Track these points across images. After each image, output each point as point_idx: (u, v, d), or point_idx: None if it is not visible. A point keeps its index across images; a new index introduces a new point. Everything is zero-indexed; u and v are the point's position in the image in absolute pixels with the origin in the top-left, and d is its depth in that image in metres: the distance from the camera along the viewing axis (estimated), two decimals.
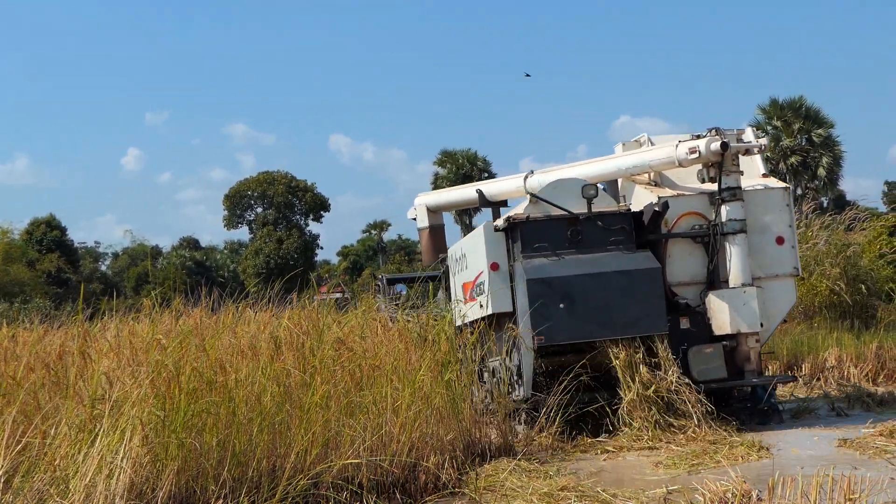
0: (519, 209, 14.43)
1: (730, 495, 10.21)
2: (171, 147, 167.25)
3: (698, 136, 14.29)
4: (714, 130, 14.21)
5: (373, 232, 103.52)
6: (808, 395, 17.51)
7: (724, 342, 14.33)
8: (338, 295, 17.84)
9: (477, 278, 14.54)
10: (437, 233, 19.89)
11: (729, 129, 14.32)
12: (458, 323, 14.75)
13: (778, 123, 51.27)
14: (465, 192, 20.02)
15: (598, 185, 14.85)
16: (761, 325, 14.23)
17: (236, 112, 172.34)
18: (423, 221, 19.85)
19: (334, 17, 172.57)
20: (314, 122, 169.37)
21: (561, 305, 13.41)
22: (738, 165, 14.43)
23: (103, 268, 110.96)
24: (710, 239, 14.38)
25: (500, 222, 14.49)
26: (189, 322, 12.49)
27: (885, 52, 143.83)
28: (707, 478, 10.52)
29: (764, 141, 14.72)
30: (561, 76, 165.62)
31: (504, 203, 18.00)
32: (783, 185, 15.25)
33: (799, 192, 49.97)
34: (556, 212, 14.14)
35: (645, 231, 14.36)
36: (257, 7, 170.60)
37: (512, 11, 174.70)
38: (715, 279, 14.48)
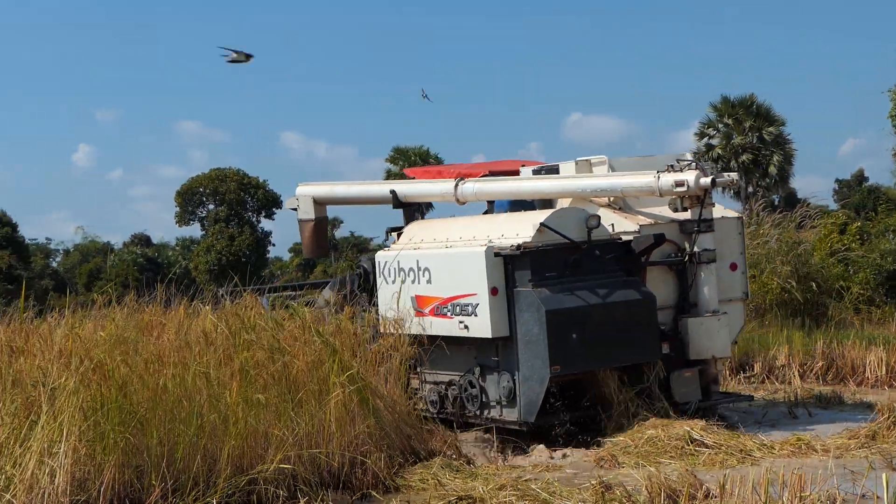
0: (523, 234, 14.33)
1: (680, 489, 10.22)
2: (122, 144, 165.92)
3: (671, 167, 14.77)
4: (694, 164, 14.91)
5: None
6: (761, 397, 17.55)
7: (699, 366, 14.98)
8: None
9: (460, 297, 14.45)
10: (321, 225, 19.29)
11: (709, 164, 15.33)
12: (391, 331, 14.86)
13: (729, 121, 51.46)
14: (368, 189, 19.28)
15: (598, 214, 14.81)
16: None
17: (188, 109, 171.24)
18: (308, 213, 18.92)
19: (284, 14, 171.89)
20: (266, 119, 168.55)
21: (574, 336, 13.66)
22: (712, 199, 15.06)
23: (54, 264, 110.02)
24: (684, 267, 14.98)
25: (500, 245, 14.35)
26: (142, 319, 12.44)
27: (835, 50, 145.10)
28: (654, 472, 10.54)
29: (735, 175, 15.77)
30: (512, 73, 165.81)
31: (414, 206, 17.97)
32: (737, 214, 16.04)
33: (750, 189, 50.24)
34: (559, 240, 14.22)
35: (636, 259, 14.78)
36: (208, 4, 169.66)
37: (464, 5, 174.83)
38: (686, 304, 15.04)
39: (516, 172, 17.28)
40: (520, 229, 14.43)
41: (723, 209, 15.75)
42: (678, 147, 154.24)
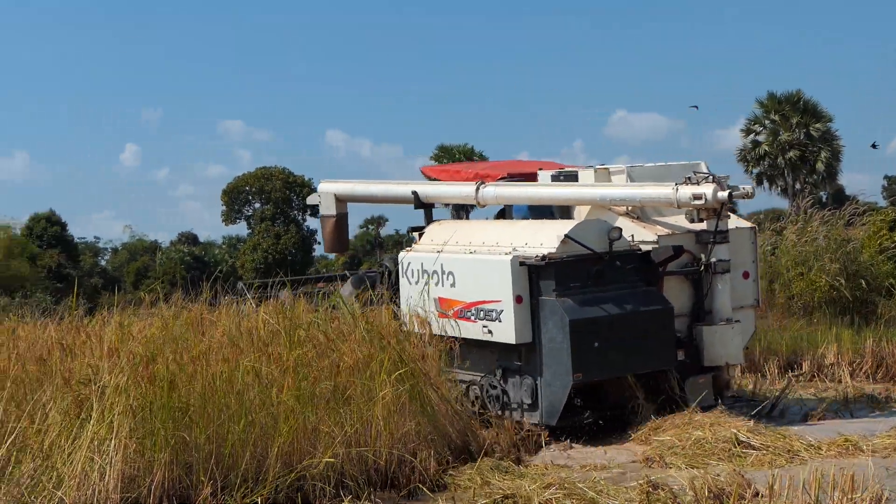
0: (547, 244, 14.51)
1: (728, 489, 10.15)
2: (167, 143, 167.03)
3: (688, 179, 15.03)
4: (711, 176, 15.08)
5: (370, 227, 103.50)
6: (809, 396, 17.44)
7: (713, 372, 15.36)
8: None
9: (485, 303, 14.72)
10: (342, 222, 19.81)
11: (724, 176, 15.23)
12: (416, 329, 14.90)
13: (776, 117, 51.18)
14: (389, 189, 19.67)
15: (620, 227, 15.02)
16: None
17: (232, 109, 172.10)
18: (330, 209, 19.51)
19: (329, 13, 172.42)
20: (310, 118, 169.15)
21: (595, 344, 13.91)
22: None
23: (103, 263, 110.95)
24: (700, 276, 15.34)
25: (525, 254, 14.54)
26: (187, 316, 12.52)
27: (883, 44, 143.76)
28: (700, 473, 10.49)
29: (751, 188, 15.81)
30: (558, 70, 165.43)
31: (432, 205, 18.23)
32: (750, 224, 16.48)
33: (798, 186, 49.92)
34: (582, 251, 14.46)
35: (654, 269, 15.06)
36: (252, 2, 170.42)
37: (509, 5, 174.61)
38: (700, 312, 15.36)
39: (534, 175, 17.34)
40: (543, 239, 14.63)
41: (737, 219, 16.12)
42: (725, 145, 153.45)
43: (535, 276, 14.42)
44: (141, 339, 10.71)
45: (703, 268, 15.24)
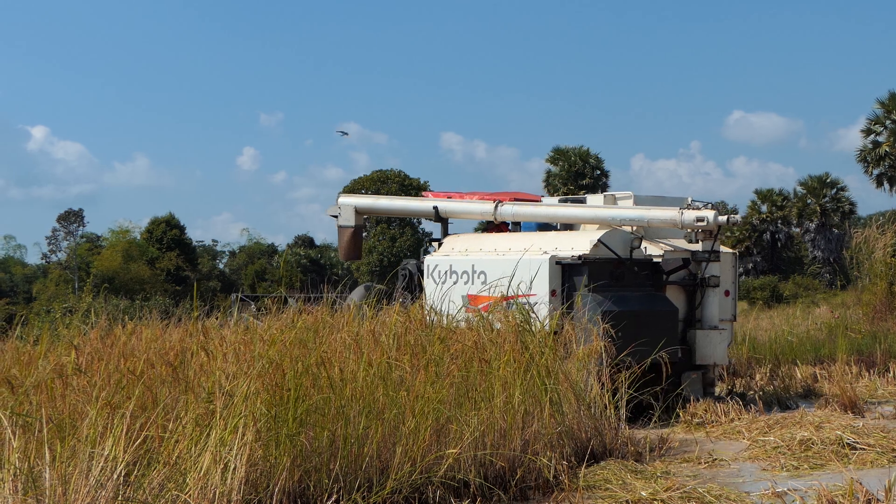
0: (579, 247, 16.97)
1: (840, 497, 10.02)
2: (284, 147, 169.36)
3: (688, 206, 17.71)
4: (710, 205, 17.74)
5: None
6: None
7: (702, 370, 18.09)
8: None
9: (519, 297, 15.99)
10: (358, 233, 22.10)
11: (718, 202, 18.19)
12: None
13: None
14: (409, 204, 23.63)
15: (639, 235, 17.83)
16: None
17: (347, 112, 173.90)
18: (349, 221, 21.84)
19: (444, 14, 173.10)
20: (425, 120, 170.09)
21: (619, 334, 15.19)
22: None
23: (221, 266, 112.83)
24: (695, 289, 18.00)
25: (559, 255, 16.94)
26: (307, 319, 12.65)
27: None
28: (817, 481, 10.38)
29: (738, 216, 18.31)
30: (673, 71, 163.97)
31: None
32: (732, 250, 19.31)
33: None
34: (609, 254, 17.00)
35: (660, 277, 17.63)
36: (367, 6, 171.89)
37: (623, 5, 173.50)
38: (693, 319, 18.06)
39: (538, 200, 20.54)
40: (574, 243, 17.21)
41: (721, 245, 18.34)
42: (843, 145, 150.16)
43: (568, 273, 16.85)
44: (268, 344, 10.83)
45: (697, 281, 17.91)
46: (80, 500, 7.97)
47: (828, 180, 72.49)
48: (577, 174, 77.28)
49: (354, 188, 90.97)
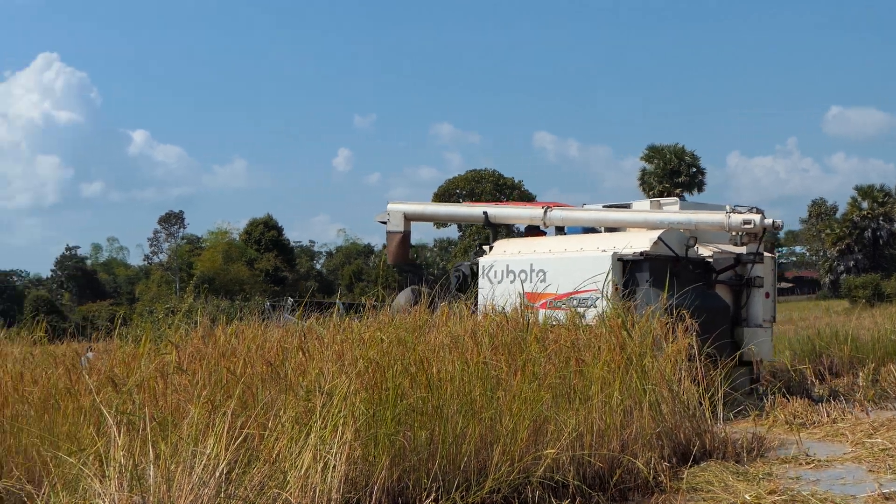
0: (638, 245, 17.83)
1: None
2: (378, 148, 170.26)
3: (734, 210, 18.45)
4: (755, 209, 18.53)
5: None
6: None
7: (748, 365, 18.48)
8: None
9: (580, 293, 17.26)
10: (406, 238, 23.02)
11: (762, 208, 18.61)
12: None
13: None
14: (458, 210, 25.77)
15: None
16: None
17: (440, 112, 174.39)
18: (398, 227, 22.78)
19: (536, 16, 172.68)
20: (518, 120, 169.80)
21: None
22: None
23: (318, 266, 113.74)
24: (740, 288, 18.78)
25: (625, 252, 17.66)
26: (406, 320, 12.72)
27: None
28: None
29: (780, 221, 18.98)
30: (769, 67, 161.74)
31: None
32: (771, 255, 20.05)
33: None
34: (668, 252, 17.93)
35: (710, 276, 18.57)
36: (460, 9, 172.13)
37: (710, 5, 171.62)
38: (739, 317, 18.78)
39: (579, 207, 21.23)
40: (634, 242, 17.98)
41: (766, 253, 19.20)
42: None
43: (629, 269, 17.58)
44: (368, 344, 10.91)
45: (743, 281, 18.71)
46: (184, 497, 8.07)
47: None
48: (673, 172, 76.66)
49: (449, 188, 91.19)
